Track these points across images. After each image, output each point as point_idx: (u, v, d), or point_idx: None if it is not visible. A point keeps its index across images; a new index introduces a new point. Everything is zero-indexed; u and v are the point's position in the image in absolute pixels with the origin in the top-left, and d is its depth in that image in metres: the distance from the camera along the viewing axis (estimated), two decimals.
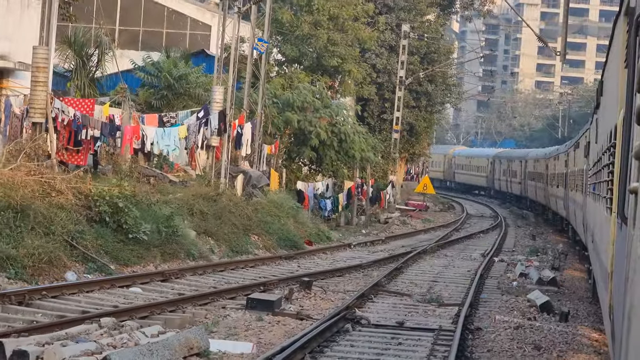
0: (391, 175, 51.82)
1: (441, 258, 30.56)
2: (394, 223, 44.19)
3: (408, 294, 21.33)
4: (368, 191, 42.19)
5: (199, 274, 21.63)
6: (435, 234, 41.47)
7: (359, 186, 41.38)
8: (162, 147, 27.53)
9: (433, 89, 56.69)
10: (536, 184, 55.37)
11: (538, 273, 26.86)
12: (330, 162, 39.53)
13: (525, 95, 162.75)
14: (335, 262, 27.32)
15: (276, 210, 30.25)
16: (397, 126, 52.46)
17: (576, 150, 30.50)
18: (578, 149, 29.14)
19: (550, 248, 37.63)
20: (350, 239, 34.90)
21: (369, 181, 42.16)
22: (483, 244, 37.39)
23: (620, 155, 8.32)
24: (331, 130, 38.57)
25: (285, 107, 37.82)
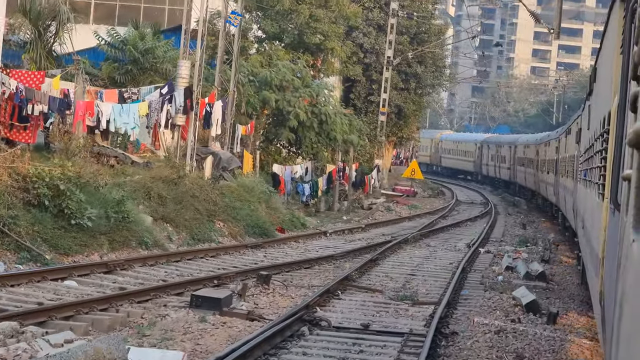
0: (377, 159, 49.67)
1: (423, 248, 28.51)
2: (378, 209, 42.13)
3: (380, 290, 19.27)
4: (350, 175, 40.08)
5: (150, 264, 19.56)
6: (420, 221, 39.41)
7: (340, 170, 39.26)
8: (119, 125, 25.37)
9: (423, 71, 54.50)
10: (526, 169, 55.14)
11: (526, 266, 24.84)
12: (310, 145, 37.43)
13: (521, 81, 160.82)
14: (306, 251, 25.26)
15: (246, 195, 28.17)
16: (383, 108, 50.30)
17: (567, 136, 30.24)
18: (569, 135, 28.87)
19: (541, 238, 35.60)
20: (329, 226, 32.83)
21: (351, 165, 40.05)
22: (470, 233, 35.35)
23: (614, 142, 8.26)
24: (311, 111, 36.47)
25: (263, 86, 35.70)
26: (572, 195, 25.19)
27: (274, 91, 35.77)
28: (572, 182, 25.24)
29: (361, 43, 51.78)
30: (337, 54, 40.07)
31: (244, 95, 34.23)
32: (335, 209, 39.40)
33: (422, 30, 55.12)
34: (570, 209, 26.07)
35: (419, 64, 54.39)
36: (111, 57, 31.82)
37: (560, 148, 34.59)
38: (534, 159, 50.35)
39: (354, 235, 30.87)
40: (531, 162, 51.86)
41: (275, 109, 35.83)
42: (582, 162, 18.84)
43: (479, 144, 79.36)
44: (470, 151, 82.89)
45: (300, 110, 35.61)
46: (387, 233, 32.34)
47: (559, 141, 35.34)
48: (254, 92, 35.18)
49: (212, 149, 29.57)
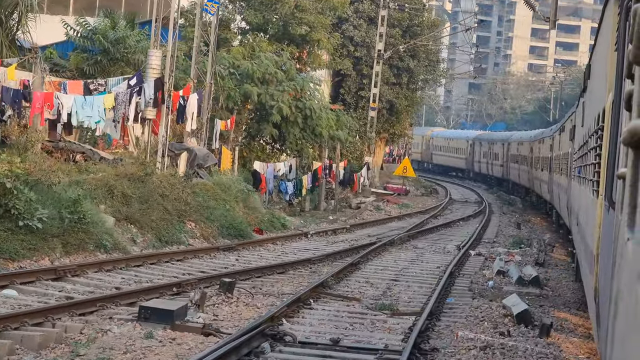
0: (367, 156, 47.97)
1: (409, 251, 26.85)
2: (367, 209, 40.46)
3: (357, 298, 17.60)
4: (337, 173, 38.40)
5: (106, 270, 17.88)
6: (410, 221, 37.74)
7: (326, 167, 37.58)
8: (82, 119, 23.64)
9: (415, 65, 52.79)
10: (519, 166, 55.06)
11: (519, 270, 23.20)
12: (294, 141, 35.75)
13: (518, 78, 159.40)
14: (283, 254, 23.58)
15: (222, 194, 26.49)
16: (374, 103, 48.61)
17: (561, 134, 30.05)
18: (563, 133, 28.68)
19: (536, 239, 33.96)
20: (311, 226, 31.15)
21: (338, 162, 38.38)
22: (461, 233, 33.69)
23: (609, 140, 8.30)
24: (295, 106, 34.78)
25: (245, 79, 34.02)
26: (566, 193, 24.93)
27: (256, 85, 34.11)
28: (566, 180, 24.95)
29: (351, 36, 50.10)
30: (323, 45, 38.35)
31: (225, 89, 32.55)
32: (322, 209, 37.74)
33: (415, 23, 53.43)
34: (565, 206, 25.82)
35: (412, 58, 52.69)
36: (80, 47, 30.09)
37: (554, 145, 34.35)
38: (527, 156, 50.20)
39: (337, 236, 29.21)
40: (525, 160, 51.76)
41: (258, 103, 34.16)
42: (577, 159, 18.80)
43: (471, 141, 79.12)
44: (462, 148, 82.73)
45: (284, 104, 33.95)
46: (373, 234, 30.68)
47: (553, 138, 35.17)
48: (235, 86, 33.50)
49: (187, 145, 27.89)
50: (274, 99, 34.04)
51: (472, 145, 78.25)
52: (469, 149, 79.90)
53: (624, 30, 6.79)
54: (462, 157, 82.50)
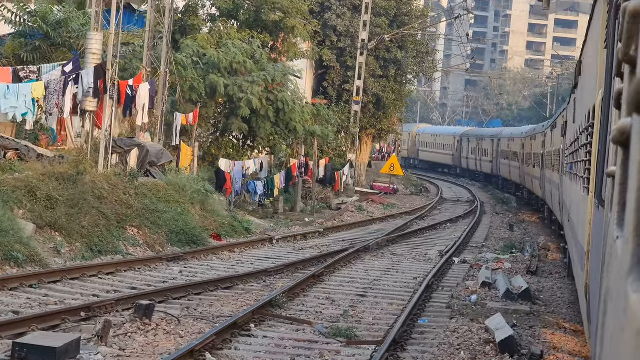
0: (350, 153, 44.99)
1: (385, 258, 23.92)
2: (348, 209, 37.53)
3: (309, 321, 14.67)
4: (315, 171, 35.43)
5: (10, 288, 14.95)
6: (393, 222, 34.81)
7: (301, 165, 34.62)
8: (5, 110, 20.70)
9: (403, 57, 49.76)
10: (510, 162, 55.04)
11: (507, 281, 20.32)
12: (265, 137, 32.81)
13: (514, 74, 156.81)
14: (238, 264, 20.65)
15: (175, 195, 23.57)
16: (357, 97, 45.64)
17: (553, 130, 29.88)
18: (555, 129, 28.46)
19: (529, 242, 31.08)
20: (281, 230, 28.22)
21: (315, 159, 35.40)
22: (447, 237, 30.77)
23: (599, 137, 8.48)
24: (267, 98, 31.84)
25: (211, 69, 31.10)
26: (558, 189, 24.74)
27: (224, 75, 31.19)
28: (558, 176, 24.73)
29: (334, 25, 47.13)
30: (298, 32, 35.35)
31: (187, 80, 29.63)
32: (298, 210, 34.81)
33: (403, 12, 50.42)
34: (557, 202, 25.58)
35: (400, 49, 49.66)
36: (19, 32, 27.10)
37: (546, 141, 34.10)
38: (519, 152, 49.89)
39: (307, 241, 26.26)
40: (516, 156, 51.54)
41: (225, 95, 31.23)
42: (568, 155, 18.71)
43: (458, 137, 78.68)
44: (448, 144, 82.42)
45: (254, 97, 31.00)
46: (349, 238, 27.77)
47: (545, 135, 34.90)
48: (200, 76, 30.59)
49: (138, 141, 24.94)
50: (242, 90, 31.12)
51: (460, 141, 77.84)
52: (455, 145, 79.54)
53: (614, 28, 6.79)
54: (449, 153, 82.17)
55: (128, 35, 30.06)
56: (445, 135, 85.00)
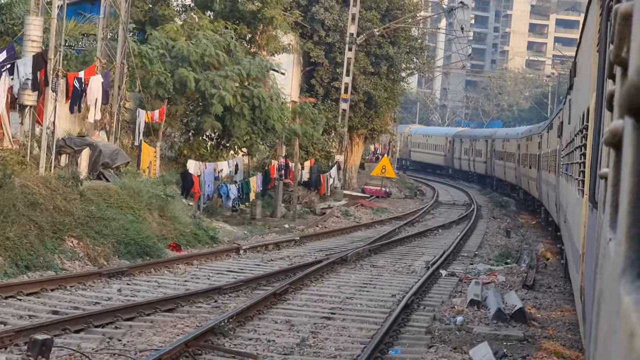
0: (338, 154, 42.41)
1: (364, 271, 21.38)
2: (333, 215, 35.00)
3: (253, 355, 12.14)
4: (297, 173, 32.86)
5: None
6: (381, 229, 32.27)
7: (281, 167, 32.06)
8: None
9: (395, 52, 47.18)
10: (505, 163, 54.99)
11: (499, 298, 17.82)
12: (241, 136, 30.30)
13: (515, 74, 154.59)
14: (192, 280, 18.11)
15: (129, 200, 21.04)
16: (345, 94, 43.13)
17: (550, 131, 29.63)
18: (552, 130, 28.23)
19: (527, 250, 28.56)
20: (253, 239, 25.69)
21: (297, 160, 32.84)
22: (437, 245, 28.25)
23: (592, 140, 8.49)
24: (241, 94, 29.33)
25: (181, 62, 28.62)
26: (554, 190, 24.81)
27: (195, 69, 28.70)
28: (554, 177, 24.77)
29: (322, 19, 44.61)
30: (277, 23, 32.76)
31: (154, 73, 27.14)
32: (279, 215, 32.29)
33: (396, 6, 47.84)
34: (553, 203, 25.51)
35: (391, 45, 47.10)
36: None
37: (542, 142, 33.88)
38: (514, 153, 49.61)
39: (280, 251, 23.72)
40: (511, 156, 51.35)
41: (196, 91, 28.75)
42: (564, 156, 18.78)
43: (450, 138, 78.68)
44: (440, 145, 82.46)
45: (227, 92, 28.49)
46: (327, 247, 25.24)
47: (542, 136, 34.72)
48: (169, 70, 28.13)
49: (89, 140, 22.41)
50: (215, 86, 28.62)
51: (452, 142, 77.73)
52: (447, 145, 79.51)
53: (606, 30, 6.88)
54: (441, 153, 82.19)
55: (89, 25, 27.59)
56: (437, 136, 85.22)
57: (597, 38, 8.37)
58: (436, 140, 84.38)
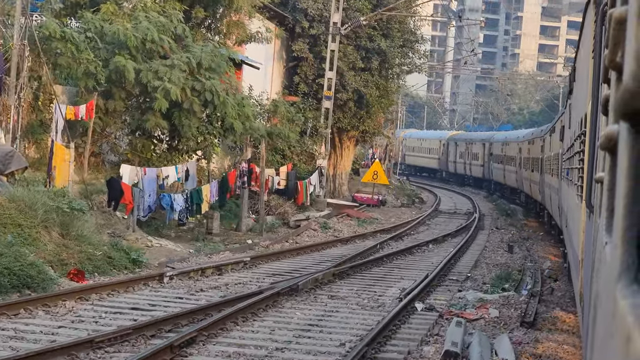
0: (320, 158, 37.73)
1: (317, 305, 16.68)
2: (310, 227, 30.37)
3: None
4: (262, 180, 28.17)
5: None
6: (361, 244, 27.63)
7: (243, 173, 27.39)
8: None
9: (388, 46, 42.48)
10: (505, 166, 55.13)
11: (486, 348, 13.18)
12: (194, 137, 25.76)
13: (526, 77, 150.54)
14: (73, 324, 13.43)
15: (17, 216, 16.47)
16: (329, 92, 38.50)
17: (552, 135, 29.72)
18: (554, 134, 28.25)
19: (531, 270, 23.92)
20: (195, 260, 21.04)
21: (263, 164, 28.14)
22: (423, 265, 23.58)
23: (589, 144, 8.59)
24: (191, 87, 24.78)
25: (118, 49, 24.12)
26: (557, 194, 24.85)
27: (135, 58, 24.20)
28: (557, 181, 24.79)
29: (304, 8, 40.02)
30: (238, 6, 28.09)
31: (81, 62, 22.63)
32: (244, 229, 27.69)
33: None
34: (556, 207, 25.61)
35: (384, 38, 42.43)
36: None
37: (545, 146, 33.82)
38: (515, 156, 49.53)
39: (219, 277, 19.06)
40: (512, 160, 51.33)
41: (137, 83, 24.24)
42: (565, 160, 18.89)
43: (444, 141, 79.59)
44: (434, 148, 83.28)
45: (173, 85, 23.95)
46: (284, 271, 20.60)
47: (544, 139, 34.68)
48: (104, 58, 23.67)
49: None
50: (159, 77, 24.08)
51: (446, 145, 78.47)
52: (442, 149, 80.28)
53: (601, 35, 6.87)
54: (435, 157, 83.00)
55: None
56: (432, 139, 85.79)
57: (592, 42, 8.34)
58: (430, 143, 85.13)
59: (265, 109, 34.71)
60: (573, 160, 14.38)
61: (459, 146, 74.01)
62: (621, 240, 2.16)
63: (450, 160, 76.86)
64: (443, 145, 79.55)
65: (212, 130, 25.97)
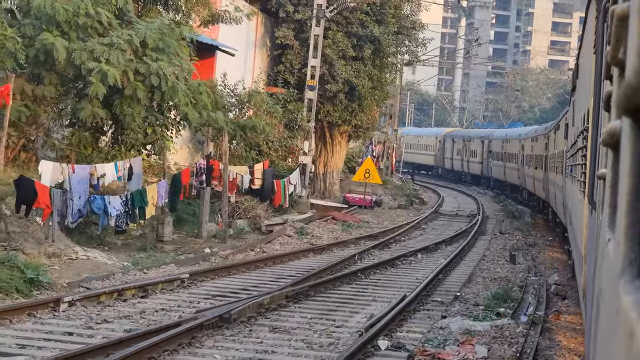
0: (302, 155, 33.86)
1: (249, 343, 12.80)
2: (284, 233, 26.58)
3: None
4: (225, 179, 24.34)
5: None
6: (337, 254, 23.81)
7: (200, 170, 23.56)
8: None
9: (382, 33, 38.63)
10: (506, 164, 54.84)
11: None
12: (141, 128, 22.02)
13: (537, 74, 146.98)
14: None
15: None
16: (312, 81, 34.69)
17: (557, 132, 29.55)
18: (559, 131, 28.09)
19: (534, 286, 20.12)
20: (119, 277, 17.24)
21: (225, 160, 24.31)
22: (404, 282, 19.75)
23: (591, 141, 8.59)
24: (135, 70, 21.03)
25: (47, 25, 20.43)
26: (561, 191, 24.57)
27: (69, 35, 20.50)
28: (561, 178, 24.44)
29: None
30: None
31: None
32: (204, 235, 23.95)
33: None
34: (561, 204, 25.20)
35: (377, 23, 38.59)
36: None
37: (550, 143, 33.53)
38: (517, 153, 49.24)
39: (142, 301, 15.26)
40: (513, 157, 51.11)
41: (69, 65, 20.53)
42: (569, 157, 18.88)
43: (440, 138, 79.49)
44: (430, 145, 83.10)
45: (112, 67, 20.21)
46: (228, 291, 16.78)
47: (549, 136, 34.47)
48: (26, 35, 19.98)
49: None
50: (95, 58, 20.35)
51: (442, 142, 78.30)
52: (437, 145, 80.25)
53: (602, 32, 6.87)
54: (431, 154, 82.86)
55: None
56: (428, 136, 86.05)
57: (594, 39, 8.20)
58: (427, 140, 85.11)
59: (240, 99, 30.98)
60: (576, 157, 14.25)
61: (455, 143, 73.77)
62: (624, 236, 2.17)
63: (447, 157, 76.75)
64: (439, 142, 79.67)
65: (164, 121, 22.19)
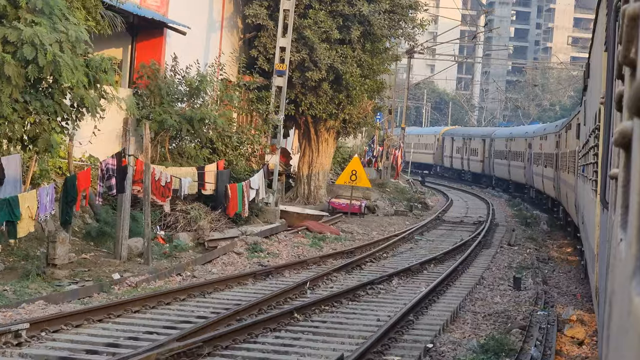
0: (269, 154, 28.37)
1: None
2: (231, 250, 21.18)
3: None
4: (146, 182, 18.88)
5: None
6: (287, 279, 18.35)
7: (109, 173, 18.10)
8: None
9: (371, 12, 33.13)
10: (510, 162, 54.91)
11: None
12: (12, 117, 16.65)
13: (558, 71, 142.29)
14: None
15: None
16: (282, 65, 29.21)
17: (568, 131, 28.96)
18: (570, 130, 27.63)
19: (542, 323, 14.68)
20: None
21: (147, 158, 18.90)
22: (357, 326, 14.26)
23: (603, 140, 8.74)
24: (3, 38, 15.68)
25: None
26: (573, 191, 24.27)
27: None
28: (573, 178, 24.25)
29: None
30: None
31: None
32: (124, 254, 18.61)
33: None
34: (573, 204, 24.95)
35: (366, 2, 33.11)
36: None
37: (561, 142, 33.11)
38: (523, 152, 49.44)
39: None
40: (519, 155, 51.21)
41: None
42: (581, 157, 18.93)
43: (439, 136, 79.68)
44: (430, 144, 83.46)
45: None
46: (79, 350, 11.39)
47: (560, 135, 34.05)
48: None
49: None
50: None
51: (441, 140, 78.47)
52: (436, 143, 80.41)
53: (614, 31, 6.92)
54: (430, 152, 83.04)
55: None
56: (427, 134, 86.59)
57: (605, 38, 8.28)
58: (426, 139, 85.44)
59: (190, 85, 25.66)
60: (588, 157, 14.14)
61: (455, 141, 73.72)
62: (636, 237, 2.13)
63: (446, 155, 76.61)
64: (438, 140, 79.72)
65: (52, 107, 16.81)
